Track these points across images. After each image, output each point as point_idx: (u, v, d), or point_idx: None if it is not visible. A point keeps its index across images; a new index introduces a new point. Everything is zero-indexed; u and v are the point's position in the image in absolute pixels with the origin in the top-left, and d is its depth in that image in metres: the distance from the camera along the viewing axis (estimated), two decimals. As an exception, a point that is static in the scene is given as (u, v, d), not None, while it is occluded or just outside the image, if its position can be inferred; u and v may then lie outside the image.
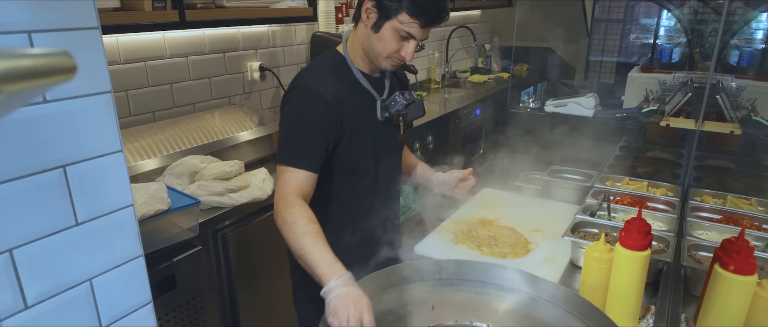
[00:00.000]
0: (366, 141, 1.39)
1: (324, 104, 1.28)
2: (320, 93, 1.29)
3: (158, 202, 1.43)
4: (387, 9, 1.26)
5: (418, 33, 1.28)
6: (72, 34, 0.77)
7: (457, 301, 1.20)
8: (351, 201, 1.45)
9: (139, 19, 1.82)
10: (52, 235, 0.79)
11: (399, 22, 1.25)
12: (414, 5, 1.23)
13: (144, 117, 2.21)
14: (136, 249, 0.91)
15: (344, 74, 1.37)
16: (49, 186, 0.77)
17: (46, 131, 0.76)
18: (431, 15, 1.26)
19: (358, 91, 1.38)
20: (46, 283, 0.80)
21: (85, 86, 0.80)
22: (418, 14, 1.24)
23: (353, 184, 1.43)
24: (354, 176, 1.42)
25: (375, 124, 1.41)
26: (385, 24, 1.27)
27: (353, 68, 1.38)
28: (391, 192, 1.54)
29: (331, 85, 1.32)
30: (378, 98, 1.41)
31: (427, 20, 1.25)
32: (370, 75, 1.41)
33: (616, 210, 1.68)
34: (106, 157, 0.84)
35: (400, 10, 1.25)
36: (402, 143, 1.56)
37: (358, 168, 1.42)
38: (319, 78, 1.33)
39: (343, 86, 1.34)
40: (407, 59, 1.31)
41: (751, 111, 2.49)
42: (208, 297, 1.80)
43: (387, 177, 1.50)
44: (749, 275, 1.01)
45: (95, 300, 0.86)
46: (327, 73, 1.35)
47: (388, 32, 1.28)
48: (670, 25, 3.80)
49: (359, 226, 1.47)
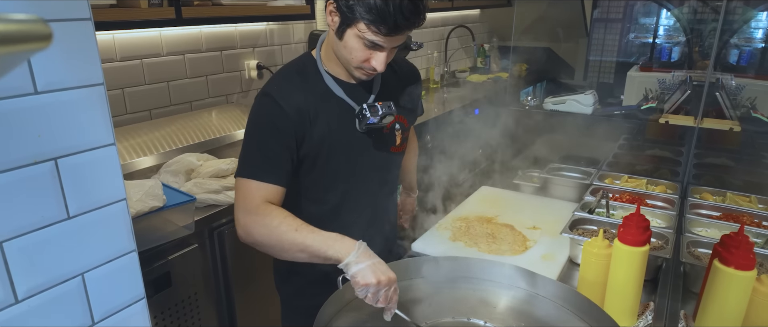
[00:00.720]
0: (338, 158, 1.25)
1: (285, 117, 1.16)
2: (282, 105, 1.16)
3: (153, 199, 1.42)
4: (345, 15, 1.09)
5: (385, 41, 1.10)
6: (64, 25, 0.76)
7: (455, 298, 1.19)
8: (323, 224, 1.26)
9: (136, 16, 1.81)
10: (44, 228, 0.78)
11: (359, 30, 1.09)
12: (370, 13, 1.05)
13: (140, 115, 2.20)
14: (129, 244, 0.90)
15: (313, 81, 1.23)
16: (41, 178, 0.76)
17: (37, 123, 0.75)
18: (395, 22, 1.06)
19: (330, 100, 1.23)
20: (37, 277, 0.79)
21: (77, 78, 0.79)
22: (378, 22, 1.06)
23: (319, 206, 1.30)
24: (316, 201, 1.30)
25: (356, 136, 1.26)
26: (347, 31, 1.11)
27: (325, 75, 1.24)
28: (378, 210, 1.40)
29: (295, 96, 1.18)
30: (356, 107, 1.25)
31: (389, 29, 1.07)
32: (348, 81, 1.26)
33: (614, 207, 1.67)
34: (99, 150, 0.83)
35: (356, 18, 1.08)
36: (398, 154, 1.39)
37: (321, 192, 1.28)
38: (283, 87, 1.20)
39: (310, 96, 1.20)
40: (379, 69, 1.15)
41: (751, 109, 2.48)
42: (203, 295, 1.79)
43: (371, 195, 1.35)
44: (748, 270, 1.00)
45: (87, 295, 0.85)
46: (292, 82, 1.21)
47: (352, 40, 1.12)
48: (669, 25, 3.81)
49: None
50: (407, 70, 1.43)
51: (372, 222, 1.39)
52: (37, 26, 0.28)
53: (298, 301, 1.45)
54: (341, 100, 1.25)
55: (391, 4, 1.04)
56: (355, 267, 1.03)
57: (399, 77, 1.38)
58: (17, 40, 0.27)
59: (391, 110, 1.25)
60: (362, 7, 1.06)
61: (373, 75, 1.22)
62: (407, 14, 1.06)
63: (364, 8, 1.05)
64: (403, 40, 1.15)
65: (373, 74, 1.20)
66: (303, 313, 1.19)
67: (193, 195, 1.61)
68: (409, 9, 1.06)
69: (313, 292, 1.22)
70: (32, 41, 0.28)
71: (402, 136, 1.36)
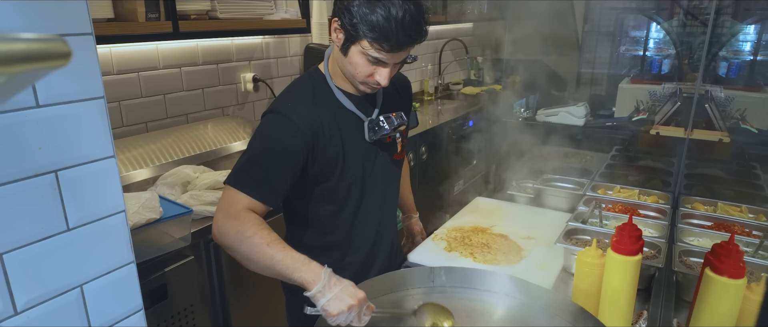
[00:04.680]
0: (353, 168, 1.29)
1: (298, 135, 1.18)
2: (295, 122, 1.18)
3: (150, 211, 1.42)
4: (349, 32, 1.13)
5: (389, 57, 1.13)
6: (66, 39, 0.78)
7: (451, 308, 1.20)
8: (338, 230, 1.36)
9: (133, 30, 1.83)
10: (43, 240, 0.78)
11: (362, 47, 1.12)
12: (373, 31, 1.08)
13: (137, 128, 2.21)
14: (127, 255, 0.91)
15: (324, 96, 1.26)
16: (41, 190, 0.77)
17: (38, 135, 0.76)
18: (398, 39, 1.09)
19: (341, 114, 1.27)
20: (37, 289, 0.79)
21: (78, 91, 0.80)
22: (381, 40, 1.09)
23: (334, 216, 1.34)
24: (332, 211, 1.33)
25: (365, 146, 1.31)
26: (352, 48, 1.15)
27: (334, 89, 1.28)
28: (386, 215, 1.46)
29: (308, 111, 1.20)
30: (365, 119, 1.29)
31: (392, 45, 1.10)
32: (355, 94, 1.30)
33: (607, 217, 1.69)
34: (99, 162, 0.84)
35: (359, 36, 1.11)
36: (400, 161, 1.46)
37: (341, 198, 1.32)
38: (295, 103, 1.22)
39: (322, 111, 1.23)
40: (383, 84, 1.19)
41: (740, 120, 2.52)
42: (200, 307, 1.78)
43: (380, 199, 1.41)
44: (738, 279, 1.02)
45: (86, 306, 0.85)
46: (305, 97, 1.24)
47: (356, 56, 1.15)
48: (659, 38, 3.86)
49: (350, 256, 1.39)
50: (402, 81, 1.50)
51: (382, 227, 1.44)
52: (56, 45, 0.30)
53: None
54: (351, 112, 1.29)
55: (393, 21, 1.07)
56: (322, 299, 1.04)
57: (396, 88, 1.45)
58: (38, 59, 0.28)
59: (403, 120, 1.33)
60: (365, 25, 1.08)
61: (377, 89, 1.26)
62: (409, 31, 1.09)
63: (367, 26, 1.08)
64: (406, 55, 1.18)
65: (377, 88, 1.24)
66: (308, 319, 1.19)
67: (190, 207, 1.61)
68: (410, 26, 1.09)
69: None
70: (52, 59, 0.29)
71: (402, 144, 1.42)
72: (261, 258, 1.11)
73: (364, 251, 1.41)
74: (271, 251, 1.10)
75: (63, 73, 0.78)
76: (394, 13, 1.07)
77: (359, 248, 1.40)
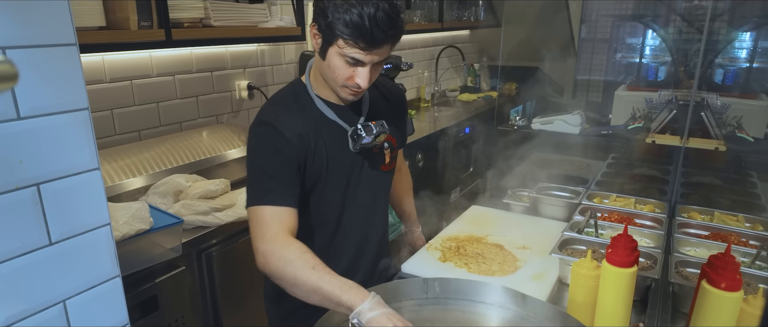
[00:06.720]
0: (336, 179, 1.28)
1: (290, 145, 1.18)
2: (284, 133, 1.18)
3: (140, 222, 1.40)
4: (326, 34, 1.13)
5: (365, 56, 1.13)
6: (49, 50, 0.76)
7: (444, 320, 1.18)
8: (317, 241, 1.33)
9: (125, 38, 1.81)
10: (24, 254, 0.77)
11: (339, 47, 1.12)
12: (347, 28, 1.09)
13: (129, 136, 2.19)
14: (112, 269, 0.89)
15: (307, 107, 1.26)
16: (22, 204, 0.75)
17: (19, 148, 0.74)
18: (373, 35, 1.09)
19: (325, 124, 1.26)
20: (18, 305, 0.77)
21: (61, 103, 0.79)
22: (355, 37, 1.09)
23: (319, 227, 1.32)
24: (317, 222, 1.31)
25: (351, 156, 1.30)
26: (329, 50, 1.15)
27: (316, 99, 1.27)
28: (372, 227, 1.42)
29: (293, 123, 1.20)
30: (349, 129, 1.28)
31: (367, 42, 1.10)
32: (338, 103, 1.29)
33: (603, 227, 1.67)
34: (82, 175, 0.82)
35: (335, 36, 1.11)
36: (388, 173, 1.42)
37: (322, 209, 1.30)
38: (280, 115, 1.22)
39: (306, 122, 1.23)
40: (363, 85, 1.17)
41: (737, 128, 2.51)
42: (191, 318, 1.76)
43: (365, 212, 1.38)
44: (735, 291, 1.00)
45: (68, 322, 0.83)
46: (288, 109, 1.23)
47: (334, 58, 1.15)
48: (655, 45, 3.87)
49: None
50: (393, 91, 1.47)
51: (365, 240, 1.41)
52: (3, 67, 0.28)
53: (287, 324, 1.43)
54: (334, 122, 1.27)
55: (367, 18, 1.07)
56: (369, 314, 1.01)
57: (386, 99, 1.42)
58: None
59: (384, 128, 1.29)
60: (340, 23, 1.09)
61: (360, 93, 1.23)
62: (383, 27, 1.09)
63: (342, 23, 1.09)
64: (385, 55, 1.17)
65: (358, 92, 1.22)
66: None
67: (181, 217, 1.59)
68: (384, 22, 1.09)
69: (303, 315, 1.21)
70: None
71: (391, 155, 1.39)
72: (306, 284, 1.07)
73: (343, 264, 1.37)
74: (316, 275, 1.07)
75: (46, 85, 0.77)
76: (367, 11, 1.08)
77: (339, 261, 1.35)
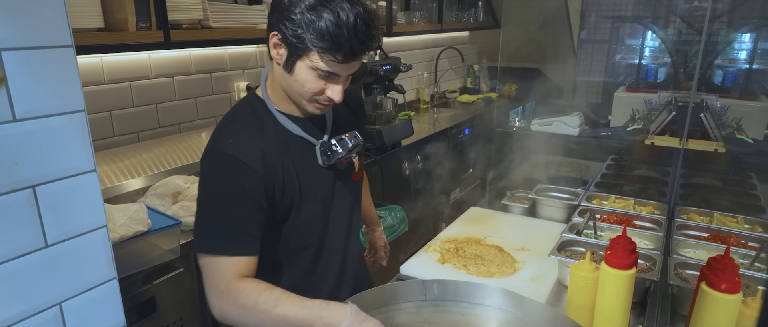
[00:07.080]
0: (311, 200, 1.17)
1: (252, 173, 1.04)
2: (243, 161, 1.03)
3: (138, 224, 1.40)
4: (294, 46, 1.01)
5: (342, 69, 1.03)
6: (45, 52, 0.76)
7: (443, 322, 1.18)
8: (300, 269, 1.22)
9: (124, 40, 1.81)
10: (20, 257, 0.76)
11: (311, 61, 1.01)
12: (323, 41, 0.97)
13: (128, 137, 2.19)
14: (109, 271, 0.89)
15: (269, 125, 1.12)
16: (18, 207, 0.75)
17: (15, 150, 0.74)
18: (352, 47, 0.99)
19: (290, 141, 1.14)
20: (14, 307, 0.77)
21: (57, 105, 0.78)
22: (333, 50, 0.98)
23: (300, 249, 1.21)
24: (298, 243, 1.20)
25: (321, 173, 1.18)
26: (298, 63, 1.03)
27: (277, 114, 1.14)
28: (351, 242, 1.32)
29: (255, 147, 1.06)
30: (316, 142, 1.17)
31: (346, 55, 1.00)
32: (301, 116, 1.17)
33: (602, 228, 1.67)
34: (79, 176, 0.82)
35: (307, 48, 1.00)
36: (359, 181, 1.33)
37: (302, 234, 1.19)
38: (237, 139, 1.07)
39: (270, 142, 1.09)
40: (336, 100, 1.07)
41: (736, 129, 2.51)
42: (189, 320, 1.75)
43: (344, 227, 1.29)
44: (734, 294, 1.00)
45: (64, 324, 0.83)
46: (247, 129, 1.09)
47: (303, 72, 1.03)
48: (654, 46, 3.87)
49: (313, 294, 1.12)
50: (352, 94, 1.35)
51: (347, 257, 1.32)
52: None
53: None
54: (300, 138, 1.16)
55: (345, 28, 0.97)
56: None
57: (347, 103, 1.29)
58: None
59: (359, 140, 1.21)
60: (313, 34, 0.98)
61: (328, 107, 1.13)
62: (362, 37, 0.99)
63: (316, 36, 0.98)
64: (358, 66, 1.08)
65: (328, 106, 1.12)
66: None
67: (179, 218, 1.59)
68: (363, 32, 0.99)
69: None
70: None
71: (359, 163, 1.30)
72: (274, 322, 1.00)
73: (328, 286, 1.28)
74: (283, 310, 0.99)
75: (42, 86, 0.76)
76: (344, 18, 0.97)
77: (324, 283, 1.27)
